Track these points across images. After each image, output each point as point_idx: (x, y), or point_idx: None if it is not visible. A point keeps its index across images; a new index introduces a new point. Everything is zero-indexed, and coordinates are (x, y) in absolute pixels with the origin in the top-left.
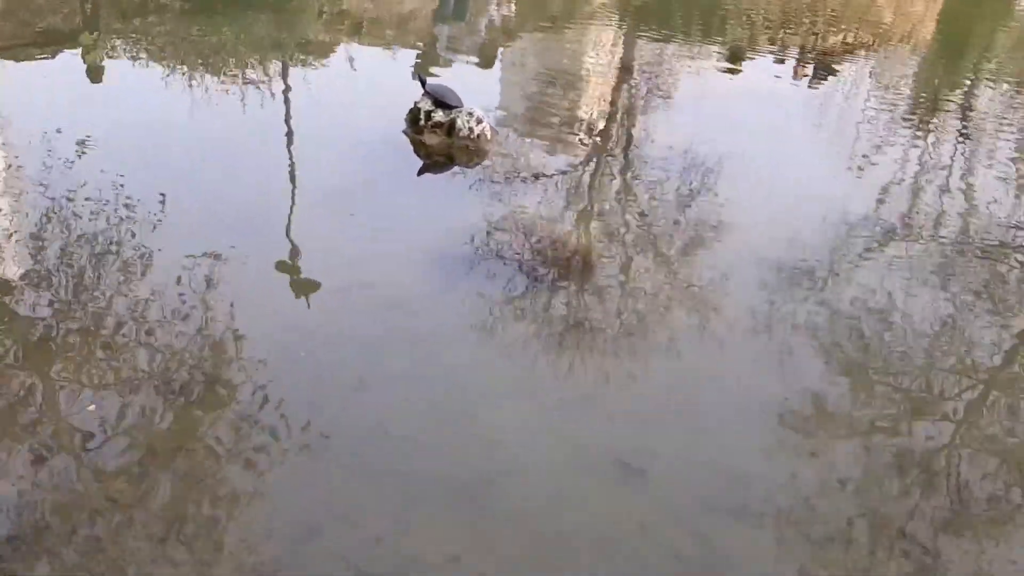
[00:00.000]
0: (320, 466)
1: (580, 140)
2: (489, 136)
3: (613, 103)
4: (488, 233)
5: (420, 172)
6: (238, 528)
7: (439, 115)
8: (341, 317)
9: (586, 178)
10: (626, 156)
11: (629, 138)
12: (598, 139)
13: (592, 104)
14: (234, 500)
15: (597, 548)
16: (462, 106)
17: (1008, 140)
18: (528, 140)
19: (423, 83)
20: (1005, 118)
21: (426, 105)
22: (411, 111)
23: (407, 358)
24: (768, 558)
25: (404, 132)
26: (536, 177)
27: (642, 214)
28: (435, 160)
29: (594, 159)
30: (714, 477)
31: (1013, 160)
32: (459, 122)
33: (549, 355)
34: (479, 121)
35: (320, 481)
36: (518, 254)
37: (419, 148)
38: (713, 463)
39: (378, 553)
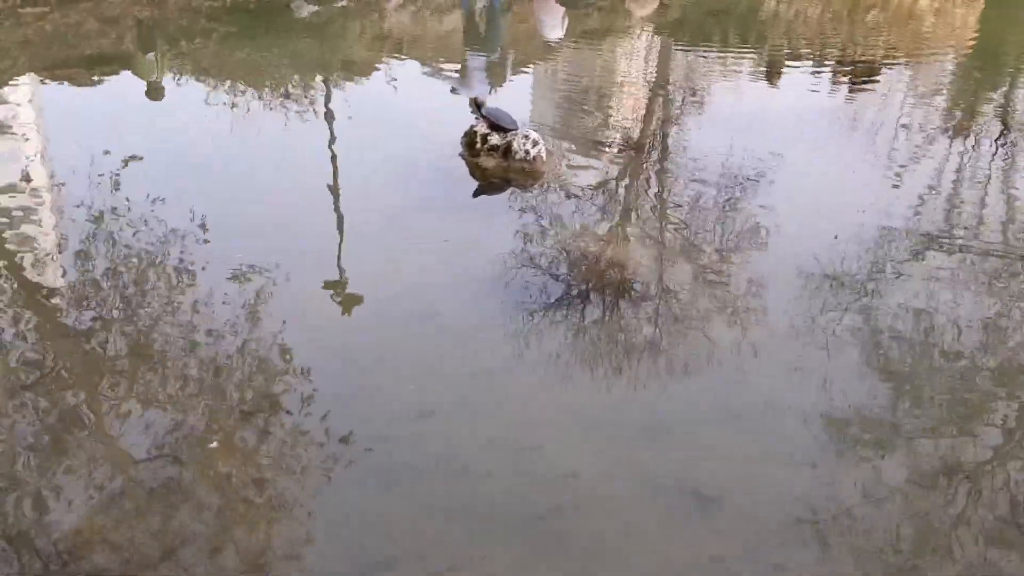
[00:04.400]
0: (386, 497)
1: (620, 152)
2: (545, 157)
3: (649, 115)
4: (544, 253)
5: (476, 194)
6: (298, 558)
7: (495, 138)
8: (398, 343)
9: (636, 189)
10: (663, 167)
11: (665, 149)
12: (637, 151)
13: (630, 116)
14: (292, 528)
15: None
16: (517, 129)
17: None
18: (576, 155)
19: (479, 107)
20: None
21: (482, 128)
22: (467, 134)
23: (466, 386)
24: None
25: (460, 155)
26: (586, 192)
27: (681, 222)
28: (492, 182)
29: (636, 171)
30: (782, 502)
31: None
32: (515, 145)
33: (603, 378)
34: (535, 144)
35: (386, 511)
36: (574, 272)
37: (475, 171)
38: (778, 486)
39: None
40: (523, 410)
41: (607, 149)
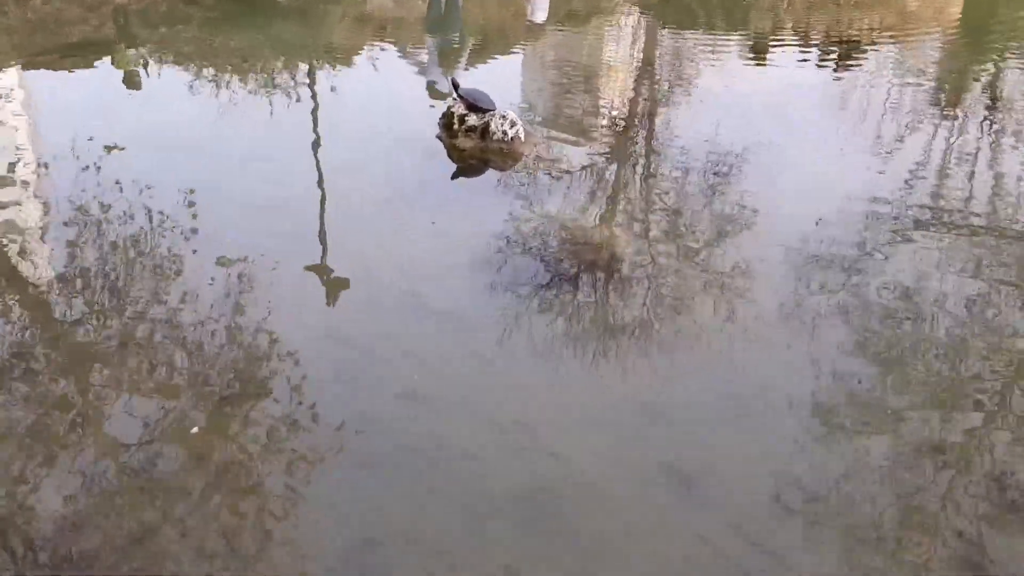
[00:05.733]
0: (376, 478)
1: (609, 134)
2: (523, 138)
3: (636, 97)
4: (527, 234)
5: (455, 176)
6: (290, 542)
7: (473, 119)
8: (386, 325)
9: (622, 171)
10: (651, 149)
11: (653, 131)
12: (626, 132)
13: (615, 98)
14: (285, 512)
15: (653, 559)
16: (495, 109)
17: None
18: (558, 137)
19: (456, 87)
20: None
21: (459, 109)
22: (444, 115)
23: (457, 367)
24: (828, 558)
25: (438, 136)
26: (571, 173)
27: (669, 205)
28: (469, 164)
29: (625, 153)
30: (766, 480)
31: None
32: (493, 125)
33: (594, 361)
34: (513, 124)
35: (376, 493)
36: (557, 254)
37: (453, 152)
38: (765, 465)
39: (432, 566)
40: (512, 392)
41: (594, 131)
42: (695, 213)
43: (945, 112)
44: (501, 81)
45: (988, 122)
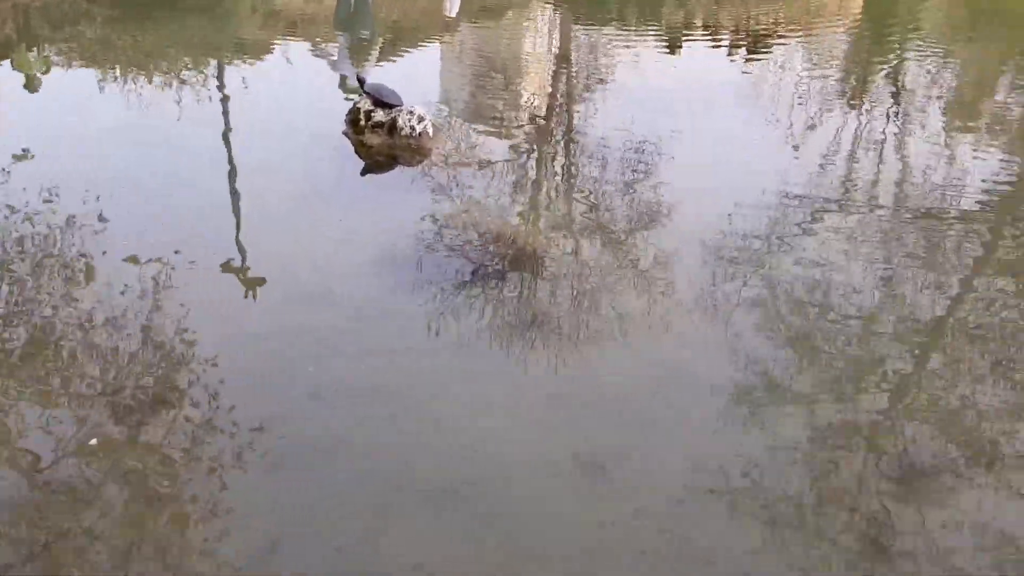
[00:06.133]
0: (281, 478)
1: (523, 129)
2: (431, 134)
3: (554, 90)
4: (437, 230)
5: (363, 172)
6: (197, 543)
7: (379, 115)
8: (294, 323)
9: (535, 166)
10: (569, 142)
11: (571, 124)
12: (541, 127)
13: (533, 92)
14: (193, 514)
15: (563, 550)
16: (402, 104)
17: (937, 109)
18: (472, 131)
19: (362, 83)
20: (933, 88)
21: (366, 105)
22: (351, 111)
23: (370, 364)
24: (737, 540)
25: (344, 133)
26: (481, 168)
27: (589, 198)
28: (377, 160)
29: (540, 147)
30: (678, 465)
31: (943, 128)
32: (400, 121)
33: (508, 352)
34: (420, 119)
35: (282, 493)
36: (468, 249)
37: (360, 149)
38: (676, 450)
39: (340, 565)
40: (424, 387)
41: (512, 124)
42: (614, 204)
43: (851, 102)
44: (416, 76)
45: (892, 110)
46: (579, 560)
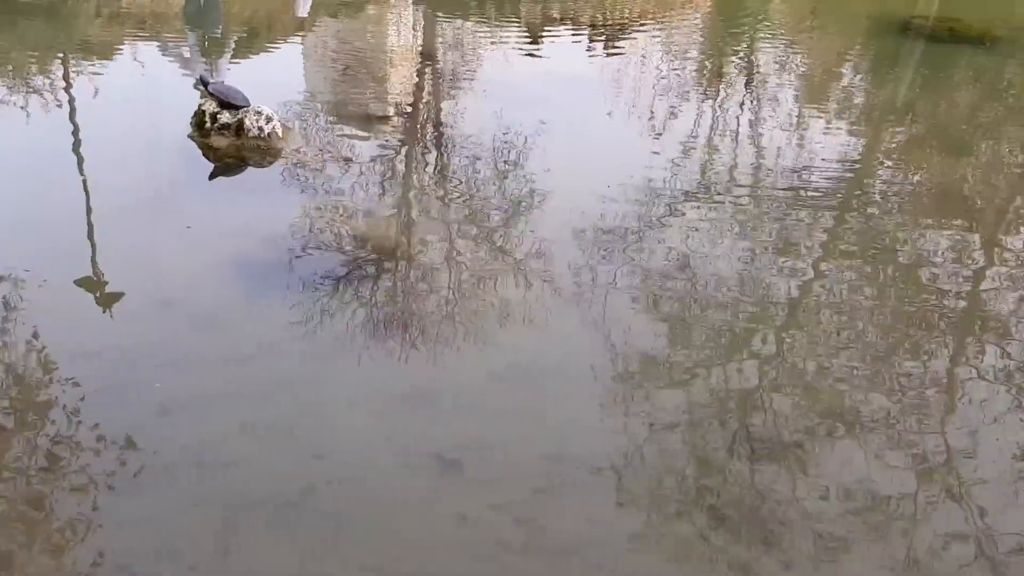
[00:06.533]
0: (130, 496)
1: (390, 124)
2: (281, 133)
3: (419, 85)
4: (290, 231)
5: (212, 176)
6: (41, 568)
7: (225, 116)
8: (148, 335)
9: (399, 161)
10: (437, 137)
11: (438, 119)
12: (407, 122)
13: (398, 87)
14: (37, 537)
15: (422, 547)
16: (249, 105)
17: (787, 95)
18: (336, 128)
19: (205, 84)
20: (783, 75)
21: (211, 107)
22: (195, 114)
23: (218, 372)
24: (596, 528)
25: (190, 136)
26: (348, 165)
27: (458, 193)
28: (226, 163)
29: (405, 142)
30: (539, 456)
31: (794, 112)
32: (247, 122)
33: (368, 352)
34: (268, 119)
35: (131, 512)
36: (325, 248)
37: (208, 152)
38: (538, 441)
39: None
40: (278, 393)
41: (378, 120)
42: (484, 197)
43: (708, 90)
44: (277, 74)
45: (747, 97)
46: (437, 555)
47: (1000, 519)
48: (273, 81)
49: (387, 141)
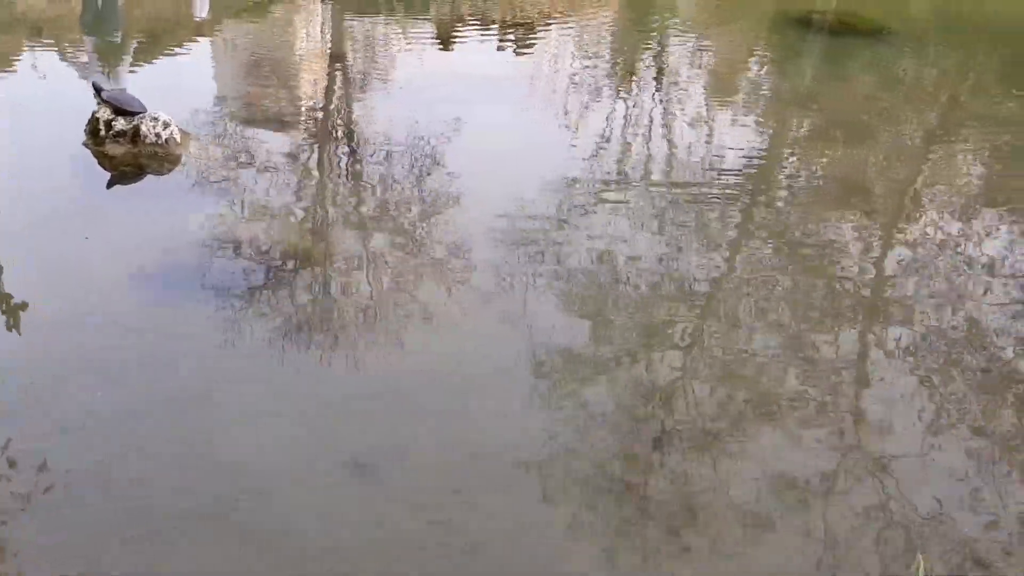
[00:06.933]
0: (42, 520)
1: (300, 126)
2: (179, 139)
3: (330, 86)
4: (200, 238)
5: (109, 185)
6: None
7: (120, 123)
8: (48, 351)
9: (310, 164)
10: (349, 138)
11: (350, 120)
12: (318, 124)
13: (309, 89)
14: None
15: (339, 552)
16: (145, 111)
17: (697, 89)
18: (244, 132)
19: (98, 91)
20: (692, 70)
21: (105, 114)
22: (89, 121)
23: (127, 386)
24: (515, 525)
25: (84, 144)
26: (255, 169)
27: (373, 194)
28: (123, 171)
29: (317, 144)
30: (456, 456)
31: (704, 105)
32: (143, 128)
33: (286, 359)
34: (166, 125)
35: (35, 537)
36: (240, 253)
37: (103, 160)
38: (456, 441)
39: None
40: (192, 404)
41: (290, 122)
42: (401, 197)
43: (621, 86)
44: (182, 78)
45: (658, 92)
46: (353, 561)
47: (914, 491)
48: (178, 86)
49: (298, 143)
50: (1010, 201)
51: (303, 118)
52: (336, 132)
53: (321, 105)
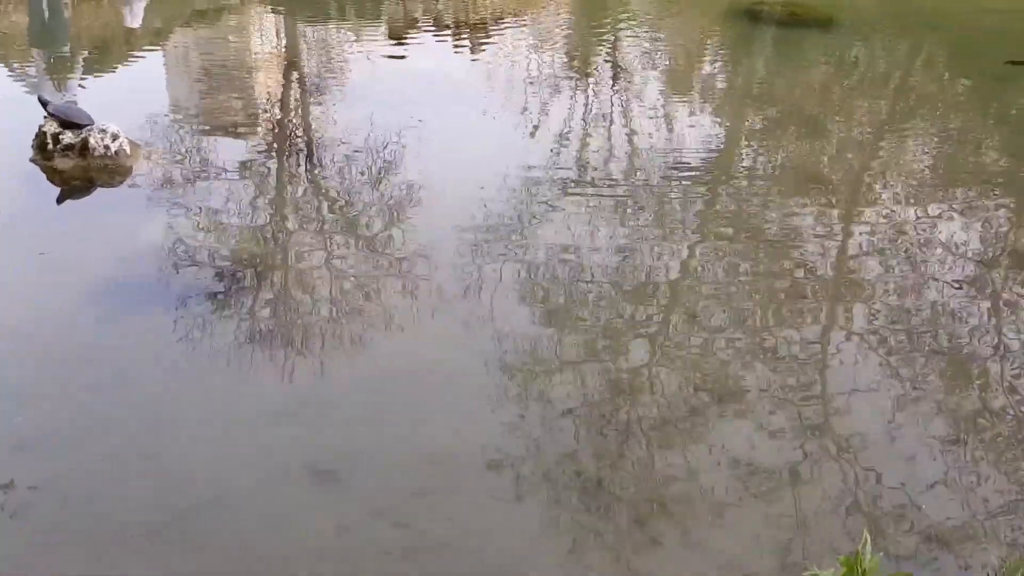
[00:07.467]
0: None
1: (256, 133)
2: (130, 151)
3: (286, 92)
4: (155, 249)
5: (60, 200)
6: None
7: (68, 136)
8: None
9: (267, 170)
10: (307, 143)
11: (307, 125)
12: (275, 130)
13: (264, 95)
14: None
15: (302, 559)
16: (93, 123)
17: (653, 84)
18: (199, 141)
19: (45, 104)
20: (647, 65)
21: (52, 128)
22: (36, 136)
23: (80, 404)
24: (476, 525)
25: (32, 160)
26: (211, 177)
27: (332, 199)
28: (73, 185)
29: (273, 150)
30: (415, 461)
31: (661, 100)
32: (92, 141)
33: (244, 369)
34: (115, 137)
35: None
36: (197, 263)
37: (52, 175)
38: (413, 446)
39: None
40: (146, 418)
41: (246, 130)
42: (362, 201)
43: (578, 82)
44: (137, 90)
45: (615, 88)
46: (317, 567)
47: (879, 476)
48: (129, 97)
49: (252, 150)
50: (961, 183)
51: (257, 125)
52: (291, 138)
53: (275, 111)
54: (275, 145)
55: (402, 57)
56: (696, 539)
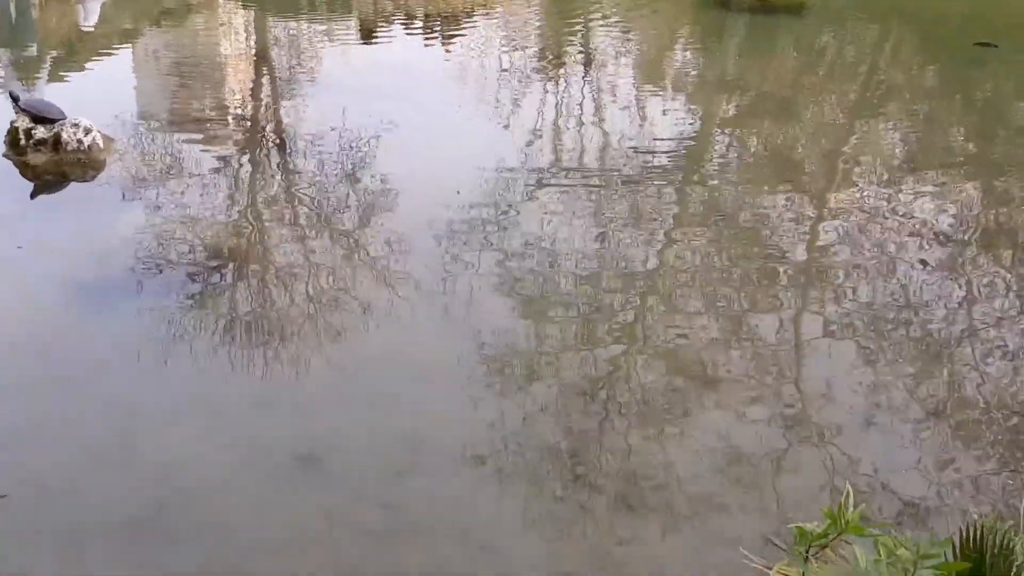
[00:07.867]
0: None
1: (228, 129)
2: (102, 145)
3: (257, 88)
4: (128, 243)
5: (33, 195)
6: None
7: (41, 131)
8: None
9: (240, 166)
10: (280, 139)
11: (279, 120)
12: (247, 126)
13: (236, 91)
14: None
15: (289, 543)
16: (65, 118)
17: (626, 74)
18: (171, 137)
19: (16, 100)
20: (619, 55)
21: (24, 123)
22: (9, 131)
23: (58, 398)
24: (458, 505)
25: (4, 155)
26: (182, 173)
27: (306, 193)
28: (46, 180)
29: (246, 146)
30: (395, 445)
31: (634, 92)
32: (64, 135)
33: (222, 360)
34: (87, 131)
35: None
36: (171, 258)
37: (25, 170)
38: (392, 431)
39: None
40: (122, 411)
41: (217, 126)
42: (336, 197)
43: (550, 75)
44: (100, 88)
45: (587, 80)
46: (305, 548)
47: (856, 460)
48: (100, 93)
49: (226, 146)
50: (931, 166)
51: (229, 119)
52: (264, 132)
53: (247, 106)
54: (245, 138)
55: (373, 49)
56: (678, 516)
